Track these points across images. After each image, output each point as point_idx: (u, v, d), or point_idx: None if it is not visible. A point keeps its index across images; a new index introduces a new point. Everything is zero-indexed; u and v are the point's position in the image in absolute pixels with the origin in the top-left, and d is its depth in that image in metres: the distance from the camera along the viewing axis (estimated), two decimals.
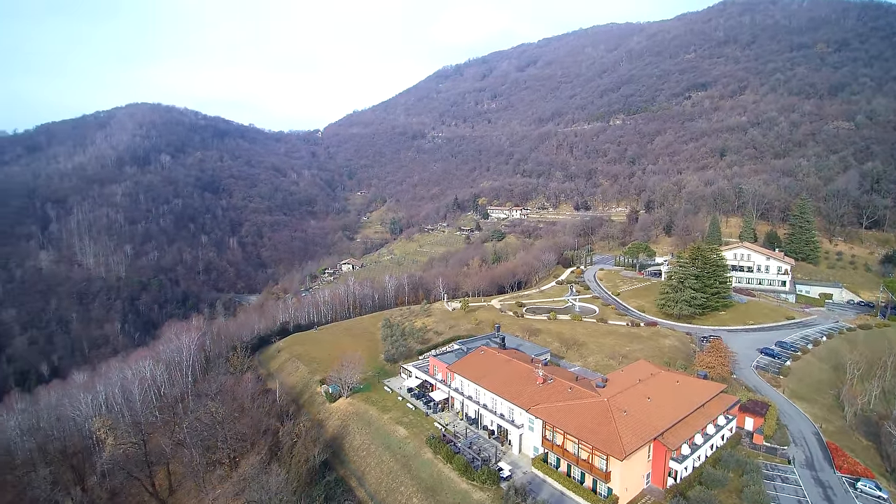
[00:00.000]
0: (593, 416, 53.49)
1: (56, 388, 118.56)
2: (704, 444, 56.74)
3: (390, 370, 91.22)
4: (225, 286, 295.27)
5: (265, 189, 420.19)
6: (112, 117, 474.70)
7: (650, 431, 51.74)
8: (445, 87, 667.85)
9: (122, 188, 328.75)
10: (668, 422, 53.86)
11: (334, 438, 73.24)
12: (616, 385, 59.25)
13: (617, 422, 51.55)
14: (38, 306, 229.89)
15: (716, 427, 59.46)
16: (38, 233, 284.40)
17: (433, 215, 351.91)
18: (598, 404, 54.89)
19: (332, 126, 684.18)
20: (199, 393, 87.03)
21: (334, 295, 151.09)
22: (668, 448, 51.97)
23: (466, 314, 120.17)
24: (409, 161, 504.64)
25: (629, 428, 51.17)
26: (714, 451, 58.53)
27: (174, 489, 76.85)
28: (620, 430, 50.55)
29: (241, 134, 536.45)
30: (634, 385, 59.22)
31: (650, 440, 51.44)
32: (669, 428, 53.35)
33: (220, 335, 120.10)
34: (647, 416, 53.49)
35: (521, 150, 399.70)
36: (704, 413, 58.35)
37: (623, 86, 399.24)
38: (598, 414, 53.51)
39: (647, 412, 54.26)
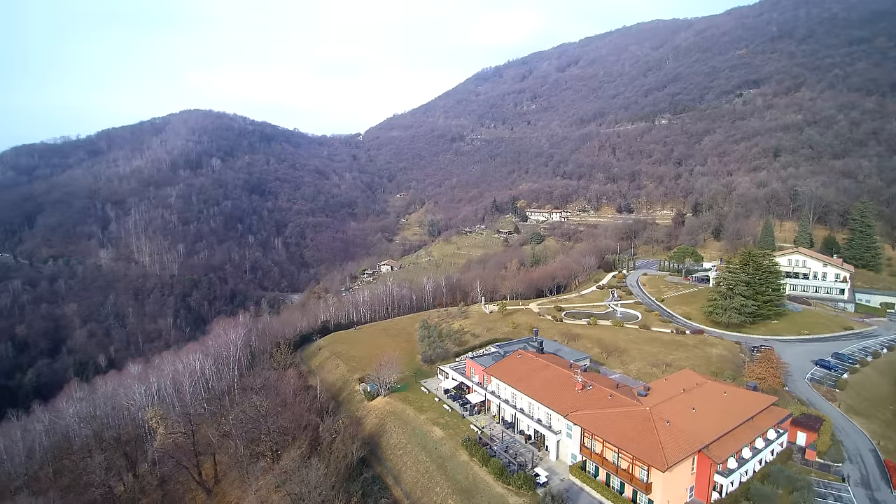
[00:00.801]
0: (634, 425, 51.97)
1: (112, 378, 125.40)
2: (752, 458, 54.11)
3: (427, 371, 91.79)
4: (270, 285, 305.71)
5: (308, 191, 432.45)
6: (167, 123, 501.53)
7: (694, 443, 49.79)
8: (484, 89, 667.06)
9: (175, 190, 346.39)
10: (714, 434, 51.68)
11: (372, 436, 74.37)
12: (659, 394, 57.37)
13: (659, 432, 49.88)
14: (98, 301, 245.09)
15: (765, 441, 56.58)
16: (99, 232, 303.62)
17: (471, 217, 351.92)
18: (639, 413, 53.31)
19: (373, 129, 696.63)
20: (245, 387, 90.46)
21: (373, 295, 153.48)
22: (714, 461, 49.86)
23: (504, 317, 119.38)
24: (448, 163, 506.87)
25: (672, 438, 49.41)
26: (763, 466, 55.71)
27: (219, 479, 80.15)
28: (663, 440, 48.87)
29: (286, 138, 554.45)
30: (678, 394, 57.15)
31: (694, 452, 49.50)
32: (715, 440, 51.18)
33: (265, 332, 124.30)
34: (691, 427, 51.52)
35: (562, 152, 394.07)
36: (753, 426, 55.65)
37: (669, 84, 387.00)
38: (640, 423, 51.95)
39: (692, 423, 52.25)
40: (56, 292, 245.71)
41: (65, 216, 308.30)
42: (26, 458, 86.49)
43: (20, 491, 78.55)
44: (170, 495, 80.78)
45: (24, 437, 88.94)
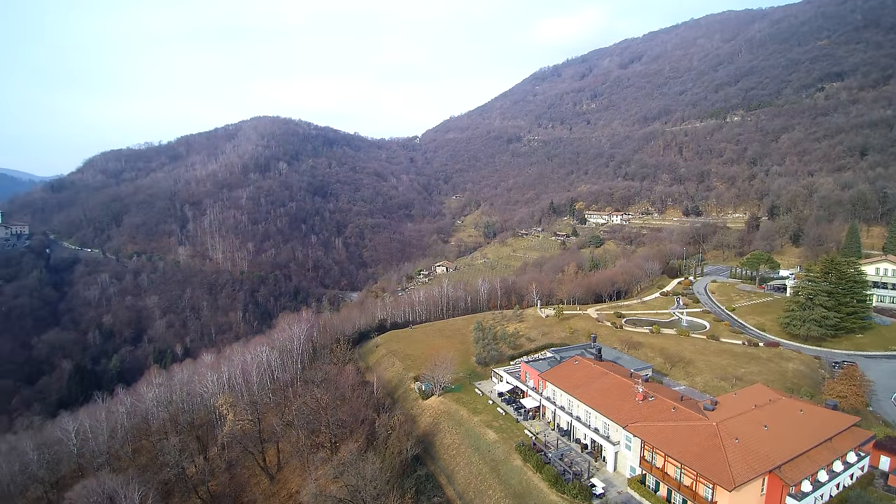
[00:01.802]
0: (699, 441, 49.49)
1: (187, 366, 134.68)
2: (829, 482, 49.89)
3: (481, 373, 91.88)
4: (330, 283, 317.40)
5: (367, 193, 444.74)
6: (239, 129, 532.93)
7: (765, 463, 46.70)
8: (542, 88, 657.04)
9: (246, 192, 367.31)
10: (787, 454, 48.20)
11: (426, 435, 75.47)
12: (727, 409, 54.26)
13: (726, 448, 47.21)
14: (176, 294, 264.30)
15: (844, 464, 52.00)
16: (178, 231, 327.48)
17: (527, 219, 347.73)
18: (705, 428, 50.69)
19: (430, 132, 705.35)
20: (307, 379, 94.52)
21: (429, 296, 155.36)
22: (786, 483, 46.50)
23: (560, 322, 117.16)
24: (504, 165, 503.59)
25: (740, 456, 46.63)
26: (840, 490, 51.18)
27: (282, 466, 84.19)
28: (730, 457, 46.23)
29: (347, 142, 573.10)
30: (749, 410, 53.77)
31: (764, 472, 46.41)
32: (788, 461, 47.72)
33: (326, 328, 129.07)
34: (761, 446, 48.36)
35: (623, 152, 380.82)
36: (831, 447, 51.35)
37: (742, 78, 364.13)
38: (705, 438, 49.39)
39: (763, 441, 49.04)
40: (139, 286, 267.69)
41: (148, 216, 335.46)
42: (109, 438, 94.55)
43: (102, 467, 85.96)
44: (236, 479, 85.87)
45: (107, 418, 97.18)
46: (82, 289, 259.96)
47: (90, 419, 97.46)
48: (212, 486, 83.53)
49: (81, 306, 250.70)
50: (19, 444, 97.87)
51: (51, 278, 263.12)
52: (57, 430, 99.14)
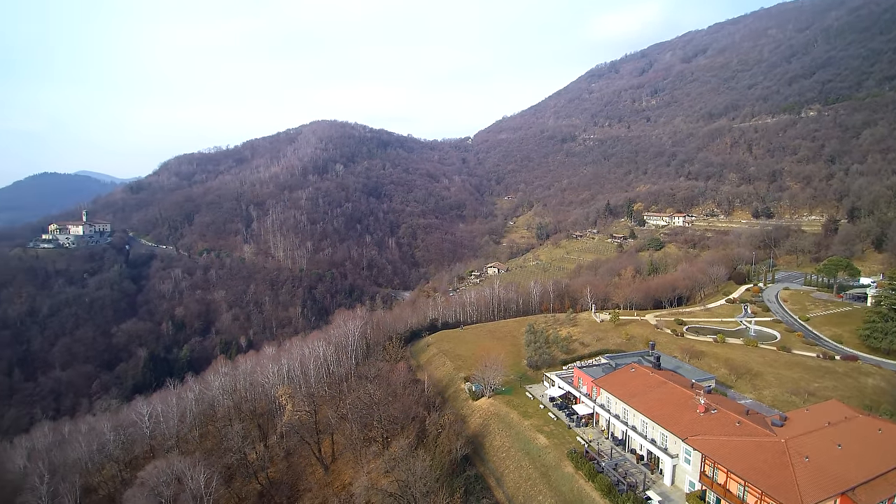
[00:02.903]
0: (765, 458, 46.55)
1: (250, 358, 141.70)
2: None
3: (532, 376, 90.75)
4: (384, 282, 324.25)
5: (420, 194, 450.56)
6: (299, 133, 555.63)
7: (837, 484, 43.24)
8: (598, 86, 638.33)
9: (305, 193, 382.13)
10: (863, 476, 44.35)
11: (475, 435, 75.50)
12: (797, 425, 50.66)
13: (794, 467, 44.12)
14: (241, 289, 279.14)
15: None
16: (243, 230, 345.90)
17: (582, 221, 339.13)
18: (772, 444, 47.59)
19: (482, 133, 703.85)
20: (360, 375, 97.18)
21: (480, 296, 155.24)
22: None
23: (616, 327, 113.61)
24: (558, 165, 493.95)
25: (810, 476, 43.48)
26: None
27: (336, 457, 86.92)
28: (798, 477, 43.20)
29: (400, 144, 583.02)
30: (821, 428, 49.93)
31: (836, 494, 42.94)
32: (863, 483, 43.88)
33: (379, 325, 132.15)
34: (834, 466, 44.79)
35: (686, 150, 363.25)
36: None
37: (818, 70, 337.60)
38: (772, 456, 46.37)
39: (836, 461, 45.41)
40: (208, 280, 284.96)
41: (217, 215, 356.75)
42: (178, 422, 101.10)
43: (172, 450, 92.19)
44: (293, 467, 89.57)
45: (177, 404, 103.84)
46: (157, 283, 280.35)
47: (162, 404, 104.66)
48: (270, 473, 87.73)
49: (156, 299, 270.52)
50: (98, 425, 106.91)
51: (129, 272, 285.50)
52: (132, 413, 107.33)
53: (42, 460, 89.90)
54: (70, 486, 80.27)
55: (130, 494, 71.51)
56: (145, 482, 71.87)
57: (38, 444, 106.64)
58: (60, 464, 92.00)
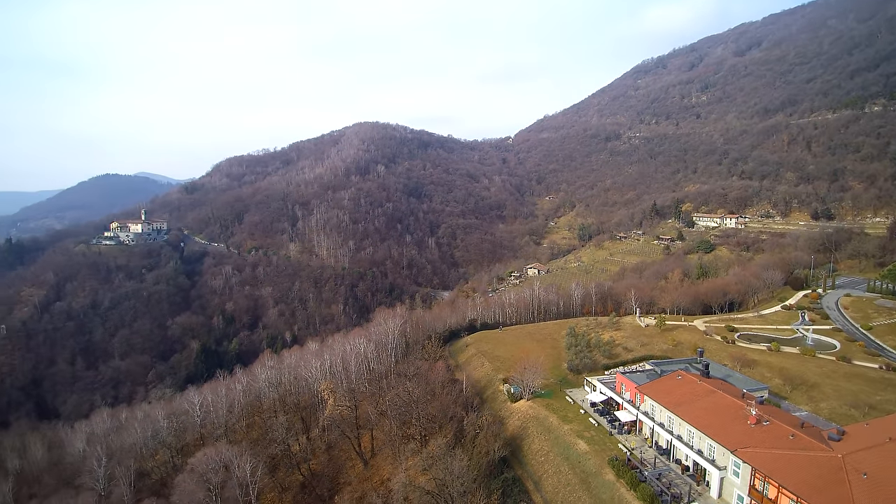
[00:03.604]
0: (820, 473, 43.81)
1: (295, 352, 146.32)
2: None
3: (573, 380, 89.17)
4: (423, 281, 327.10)
5: (460, 194, 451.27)
6: (343, 135, 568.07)
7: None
8: (644, 82, 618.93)
9: (348, 194, 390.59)
10: None
11: (513, 438, 74.95)
12: (857, 440, 47.37)
13: (852, 484, 41.26)
14: (286, 286, 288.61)
15: None
16: (289, 228, 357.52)
17: (626, 222, 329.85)
18: (828, 460, 44.75)
19: (523, 132, 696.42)
20: (400, 373, 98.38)
21: (519, 298, 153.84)
22: None
23: (662, 333, 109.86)
24: (601, 164, 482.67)
25: (868, 495, 40.46)
26: None
27: (375, 452, 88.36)
28: (856, 495, 40.36)
29: (440, 144, 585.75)
30: (883, 444, 46.42)
31: None
32: None
33: (418, 324, 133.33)
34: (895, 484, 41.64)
35: (739, 148, 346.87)
36: None
37: (883, 63, 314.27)
38: (828, 471, 43.59)
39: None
40: (256, 277, 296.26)
41: (264, 215, 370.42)
42: (227, 412, 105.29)
43: (220, 438, 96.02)
44: (334, 460, 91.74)
45: (226, 395, 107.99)
46: (209, 278, 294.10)
47: (212, 394, 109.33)
48: (312, 465, 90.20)
49: (208, 294, 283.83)
50: (152, 412, 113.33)
51: (184, 268, 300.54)
52: (184, 402, 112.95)
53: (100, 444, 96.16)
54: (125, 470, 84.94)
55: (181, 480, 75.07)
56: (195, 468, 75.21)
57: (97, 430, 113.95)
58: (117, 448, 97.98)
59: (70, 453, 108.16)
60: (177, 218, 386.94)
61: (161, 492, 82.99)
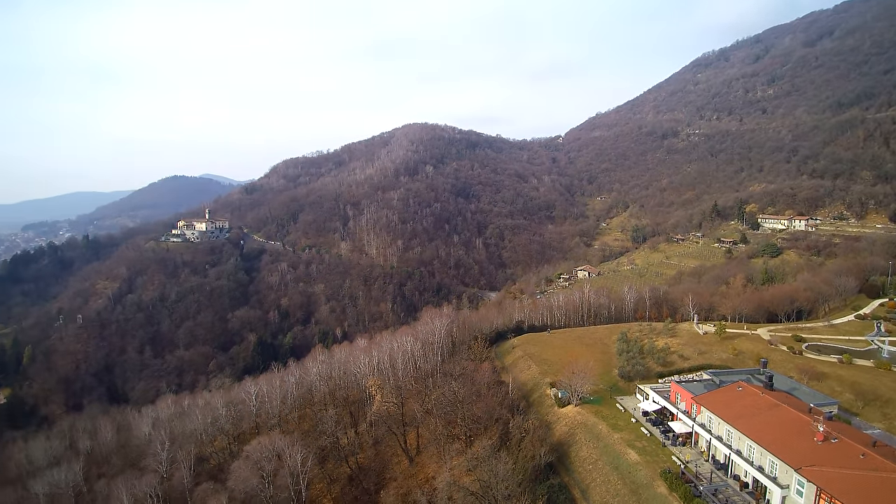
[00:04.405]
0: (893, 496, 40.37)
1: (345, 348, 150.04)
2: None
3: (624, 388, 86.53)
4: (470, 281, 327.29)
5: (508, 194, 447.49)
6: (392, 136, 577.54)
7: None
8: (705, 76, 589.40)
9: (397, 194, 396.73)
10: None
11: (560, 444, 73.67)
12: None
13: None
14: (338, 284, 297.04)
15: None
16: (341, 228, 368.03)
17: (684, 223, 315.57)
18: None
19: (573, 131, 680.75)
20: (446, 372, 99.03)
21: (568, 300, 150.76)
22: None
23: (722, 341, 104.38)
24: (657, 163, 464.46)
25: None
26: None
27: (420, 450, 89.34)
28: None
29: (489, 144, 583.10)
30: None
31: None
32: None
33: (465, 324, 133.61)
34: None
35: (810, 145, 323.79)
36: None
37: None
38: None
39: None
40: (310, 274, 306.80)
41: (318, 214, 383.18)
42: (280, 403, 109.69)
43: (274, 428, 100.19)
44: (380, 455, 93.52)
45: (280, 386, 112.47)
46: (266, 275, 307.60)
47: (267, 385, 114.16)
48: (360, 459, 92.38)
49: (265, 289, 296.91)
50: (212, 400, 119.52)
51: (243, 265, 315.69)
52: (241, 391, 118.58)
53: (164, 429, 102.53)
54: (186, 454, 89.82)
55: (237, 466, 78.92)
56: (250, 456, 78.88)
57: (162, 415, 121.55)
58: (179, 433, 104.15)
59: (136, 436, 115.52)
60: (237, 217, 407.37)
61: (218, 477, 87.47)
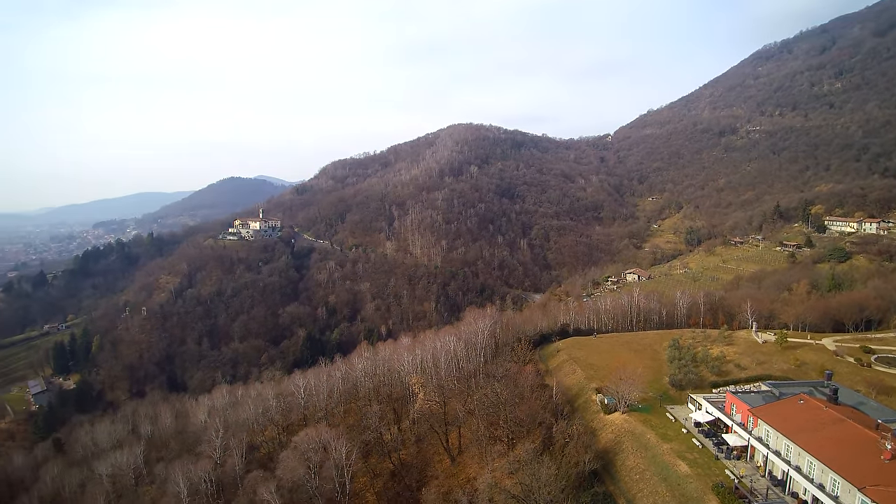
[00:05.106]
0: None
1: (389, 345, 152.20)
2: None
3: (674, 396, 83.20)
4: (514, 282, 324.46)
5: (554, 195, 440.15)
6: (437, 137, 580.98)
7: None
8: (766, 69, 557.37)
9: (441, 194, 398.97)
10: None
11: (605, 451, 71.77)
12: None
13: None
14: (383, 282, 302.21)
15: None
16: (386, 227, 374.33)
17: (743, 225, 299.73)
18: None
19: (623, 129, 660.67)
20: (488, 373, 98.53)
21: (616, 304, 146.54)
22: None
23: (782, 351, 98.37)
24: (714, 161, 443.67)
25: None
26: None
27: (462, 450, 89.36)
28: None
29: (534, 144, 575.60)
30: None
31: None
32: None
33: (508, 326, 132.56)
34: None
35: (882, 142, 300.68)
36: None
37: None
38: None
39: None
40: (356, 273, 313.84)
41: (364, 214, 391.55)
42: (327, 397, 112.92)
43: (321, 421, 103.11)
44: (423, 453, 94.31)
45: (327, 381, 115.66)
46: (315, 272, 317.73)
47: (315, 379, 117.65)
48: (402, 455, 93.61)
49: (314, 286, 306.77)
50: (264, 391, 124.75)
51: (294, 263, 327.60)
52: (291, 384, 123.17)
53: (219, 417, 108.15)
54: (238, 442, 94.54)
55: (285, 456, 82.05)
56: (298, 446, 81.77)
57: (217, 404, 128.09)
58: (232, 422, 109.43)
59: (193, 423, 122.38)
60: (289, 216, 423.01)
61: (268, 465, 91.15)
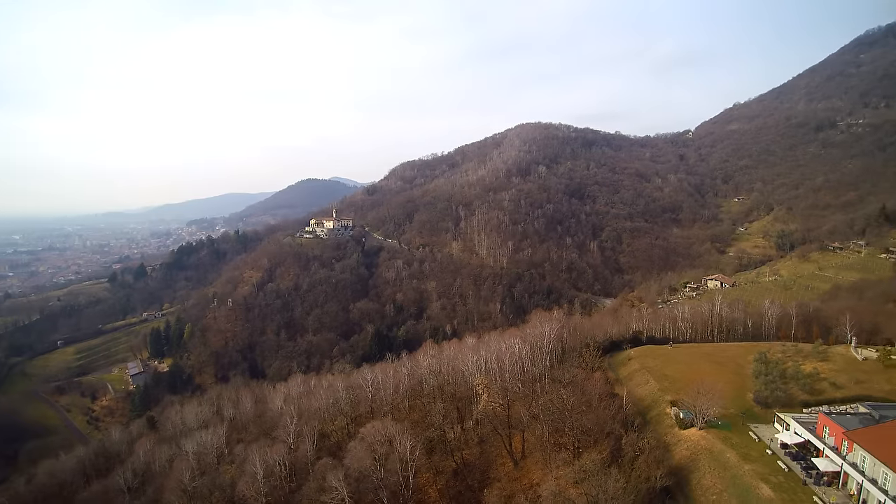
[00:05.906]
0: None
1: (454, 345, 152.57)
2: None
3: (759, 414, 76.88)
4: (583, 286, 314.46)
5: (627, 195, 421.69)
6: (505, 137, 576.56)
7: None
8: (869, 56, 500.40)
9: (508, 195, 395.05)
10: None
11: (679, 468, 67.78)
12: None
13: None
14: (448, 282, 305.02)
15: None
16: (452, 228, 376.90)
17: (843, 230, 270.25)
18: None
19: (706, 124, 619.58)
20: (554, 378, 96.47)
21: (695, 312, 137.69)
22: None
23: (885, 369, 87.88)
24: (810, 159, 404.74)
25: None
26: None
27: (525, 455, 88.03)
28: None
29: (606, 142, 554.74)
30: None
31: None
32: None
33: (576, 331, 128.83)
34: None
35: None
36: None
37: None
38: None
39: None
40: (423, 272, 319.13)
41: (431, 214, 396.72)
42: (393, 392, 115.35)
43: (387, 415, 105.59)
44: (485, 454, 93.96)
45: (393, 376, 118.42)
46: (384, 270, 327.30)
47: (382, 374, 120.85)
48: (465, 455, 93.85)
49: (382, 284, 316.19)
50: (334, 383, 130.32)
51: (364, 260, 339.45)
52: (360, 377, 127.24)
53: (293, 405, 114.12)
54: (310, 430, 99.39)
55: (353, 446, 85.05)
56: (365, 438, 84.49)
57: (292, 392, 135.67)
58: (305, 410, 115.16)
59: (270, 409, 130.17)
60: (360, 216, 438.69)
61: (336, 453, 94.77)
